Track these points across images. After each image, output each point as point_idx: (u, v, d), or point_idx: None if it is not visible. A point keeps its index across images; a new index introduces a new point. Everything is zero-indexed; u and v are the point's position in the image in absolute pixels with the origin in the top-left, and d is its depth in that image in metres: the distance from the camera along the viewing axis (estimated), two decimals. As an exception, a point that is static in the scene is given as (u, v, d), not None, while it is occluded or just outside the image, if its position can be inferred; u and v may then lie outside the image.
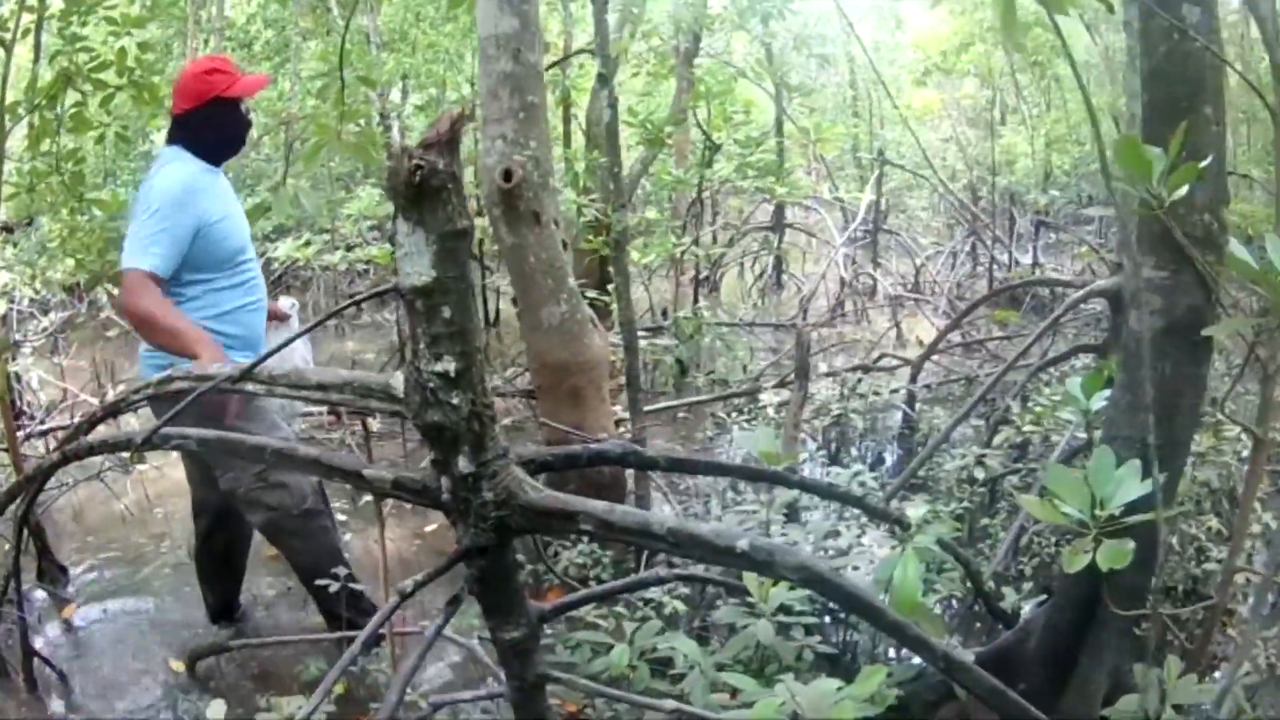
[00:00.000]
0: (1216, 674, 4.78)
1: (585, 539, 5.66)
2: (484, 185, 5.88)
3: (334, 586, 4.82)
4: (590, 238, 9.94)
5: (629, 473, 6.40)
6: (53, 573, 6.57)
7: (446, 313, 2.59)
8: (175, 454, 8.20)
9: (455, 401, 2.71)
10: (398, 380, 2.88)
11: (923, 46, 20.63)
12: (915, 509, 3.56)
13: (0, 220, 9.14)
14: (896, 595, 3.28)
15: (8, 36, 6.05)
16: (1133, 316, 3.66)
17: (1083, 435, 4.94)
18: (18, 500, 4.75)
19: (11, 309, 11.70)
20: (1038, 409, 6.63)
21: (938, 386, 9.45)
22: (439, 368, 2.67)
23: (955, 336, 11.12)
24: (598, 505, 2.97)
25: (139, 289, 4.71)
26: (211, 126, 4.99)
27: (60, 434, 9.06)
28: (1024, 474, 6.69)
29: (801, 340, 6.39)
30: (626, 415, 6.73)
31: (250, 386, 3.16)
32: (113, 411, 4.43)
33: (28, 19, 6.33)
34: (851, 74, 24.92)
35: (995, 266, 15.21)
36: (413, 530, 7.07)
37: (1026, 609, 5.11)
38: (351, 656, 2.80)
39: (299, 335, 4.03)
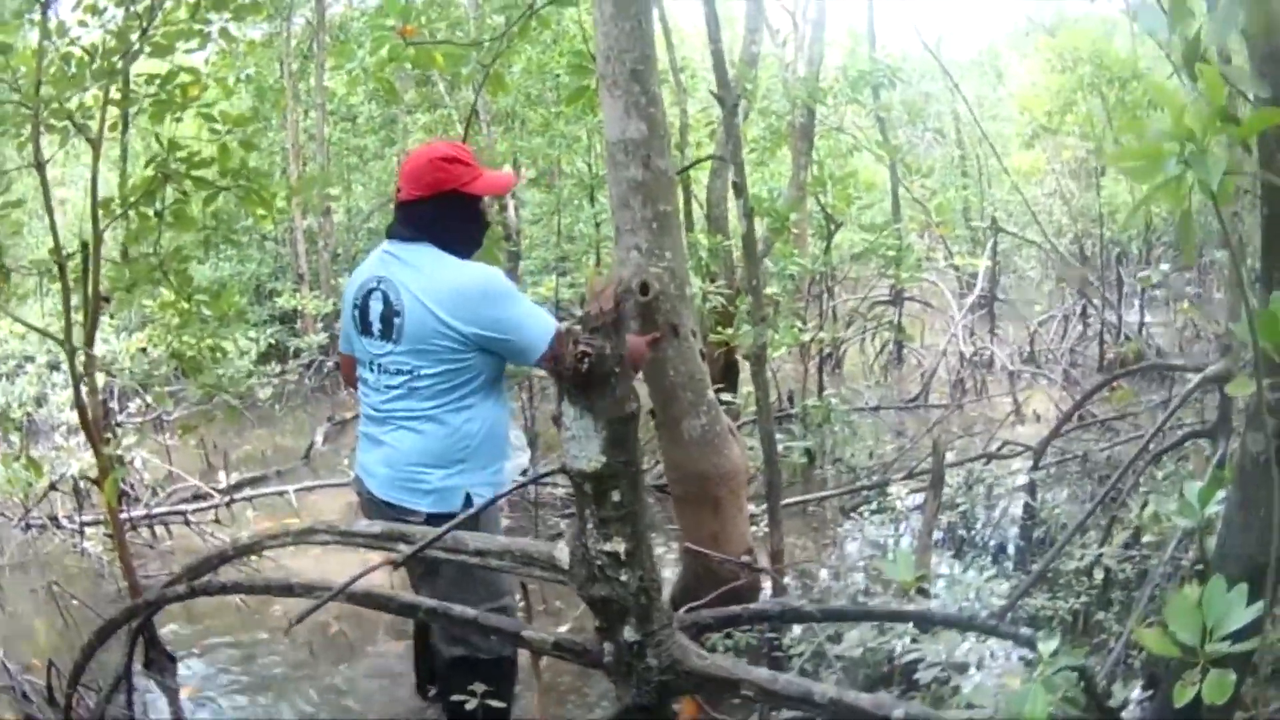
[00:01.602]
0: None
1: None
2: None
3: (471, 704, 4.66)
4: (718, 329, 9.82)
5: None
6: (161, 662, 6.37)
7: (616, 496, 2.55)
8: (299, 555, 8.23)
9: (624, 579, 2.68)
10: (562, 552, 2.83)
11: (1028, 108, 20.49)
12: (1045, 644, 3.46)
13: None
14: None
15: (94, 129, 5.91)
16: (1249, 437, 3.57)
17: (1188, 524, 4.84)
18: (134, 620, 4.70)
19: (112, 381, 11.69)
20: (1151, 506, 6.50)
21: (1055, 466, 9.30)
22: (608, 548, 2.63)
23: (1067, 406, 10.84)
24: (761, 675, 2.93)
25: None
26: (444, 221, 4.56)
27: (168, 521, 9.07)
28: (1137, 561, 6.57)
29: (938, 449, 6.31)
30: (760, 513, 6.69)
31: (401, 547, 3.10)
32: (246, 551, 4.35)
33: (114, 113, 6.21)
34: (958, 133, 24.82)
35: (1106, 330, 15.02)
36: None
37: (1133, 704, 5.06)
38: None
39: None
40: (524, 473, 5.15)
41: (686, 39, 22.71)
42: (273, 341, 16.58)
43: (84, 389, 5.89)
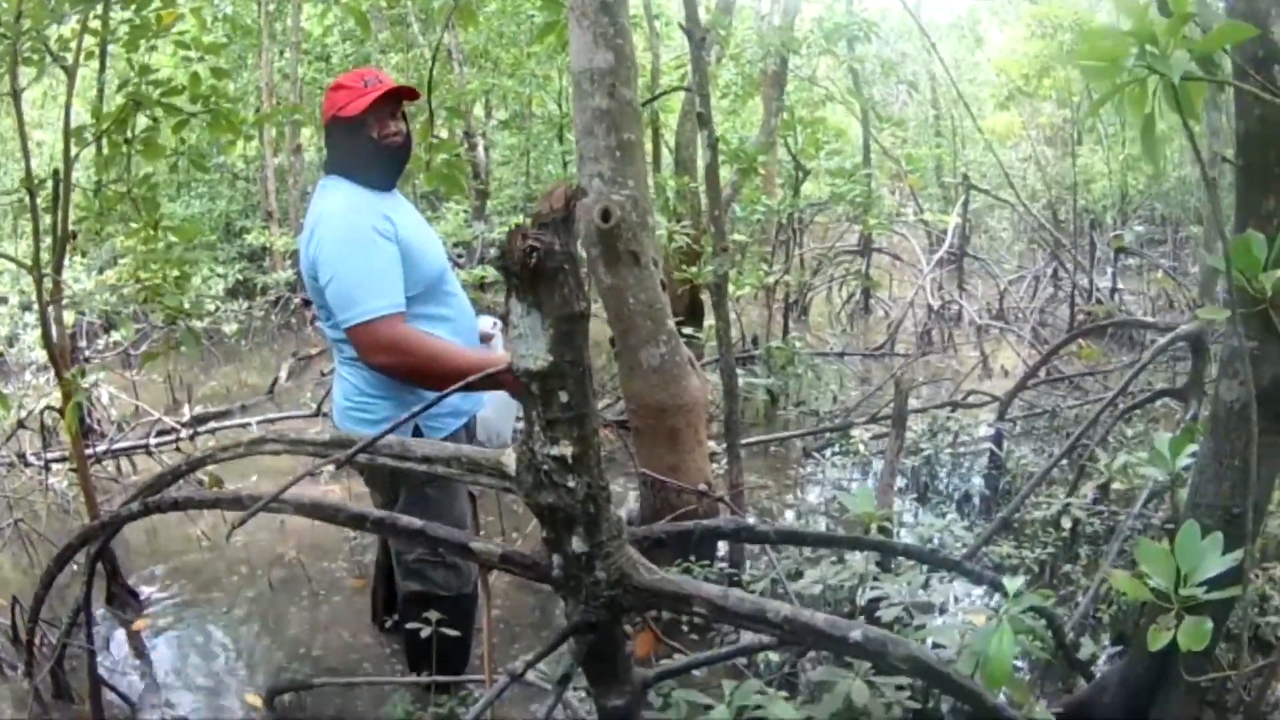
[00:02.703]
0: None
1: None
2: (580, 224, 5.76)
3: (425, 632, 4.64)
4: (683, 267, 9.78)
5: (721, 506, 6.28)
6: (123, 598, 6.46)
7: (564, 397, 2.53)
8: (254, 477, 8.19)
9: (571, 484, 2.65)
10: (509, 458, 2.80)
11: (1005, 70, 20.47)
12: (1011, 582, 3.48)
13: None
14: (989, 668, 3.21)
15: (70, 59, 5.87)
16: (1222, 385, 3.63)
17: (1163, 478, 4.86)
18: (91, 544, 4.67)
19: (80, 320, 11.65)
20: (1121, 458, 6.52)
21: (1022, 420, 9.33)
22: (555, 451, 2.60)
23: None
24: (712, 590, 2.91)
25: (391, 336, 4.24)
26: (333, 150, 4.55)
27: (132, 454, 9.04)
28: (1105, 517, 6.59)
29: (901, 389, 6.28)
30: (721, 451, 6.67)
31: (343, 454, 3.07)
32: (198, 465, 4.30)
33: (91, 41, 6.15)
34: (933, 93, 24.81)
35: (1077, 293, 15.07)
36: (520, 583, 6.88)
37: (1103, 658, 5.11)
38: None
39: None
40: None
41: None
42: (241, 278, 16.55)
43: (50, 316, 5.86)
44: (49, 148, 19.73)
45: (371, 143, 4.51)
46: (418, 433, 4.44)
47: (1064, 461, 7.21)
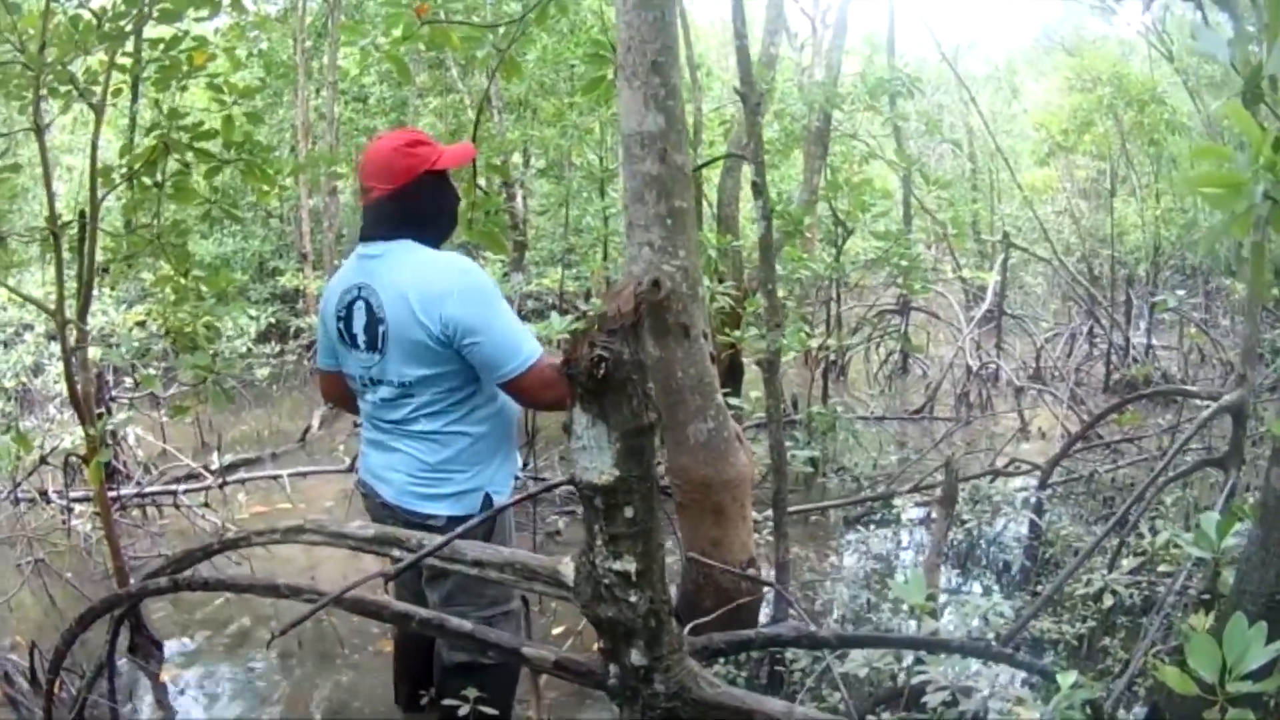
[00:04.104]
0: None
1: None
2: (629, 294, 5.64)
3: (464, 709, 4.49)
4: (726, 330, 9.67)
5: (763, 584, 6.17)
6: (146, 648, 6.28)
7: (629, 513, 2.41)
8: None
9: (633, 599, 2.54)
10: (567, 568, 2.69)
11: (1045, 125, 20.40)
12: (1065, 676, 3.39)
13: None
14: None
15: (96, 96, 5.72)
16: (1274, 473, 3.59)
17: (1207, 558, 4.77)
18: (115, 610, 4.57)
19: (108, 354, 11.57)
20: (1164, 534, 6.42)
21: (1061, 485, 9.22)
22: (618, 566, 2.49)
23: (1074, 425, 11.12)
24: (776, 706, 2.79)
25: (551, 372, 4.19)
26: (422, 207, 4.41)
27: (159, 500, 8.94)
28: (1144, 587, 6.49)
29: (951, 469, 6.16)
30: (762, 519, 6.59)
31: (395, 552, 2.95)
32: (231, 546, 4.20)
33: (119, 78, 6.01)
34: (970, 146, 24.76)
35: (1113, 351, 15.03)
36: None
37: None
38: None
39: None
40: (519, 474, 4.97)
41: (702, 35, 22.62)
42: (273, 320, 16.44)
43: (75, 363, 5.76)
44: (79, 173, 19.79)
45: (456, 198, 4.57)
46: (488, 501, 4.37)
47: (1101, 528, 7.12)
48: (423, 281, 4.17)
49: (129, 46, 5.96)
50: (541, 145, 16.85)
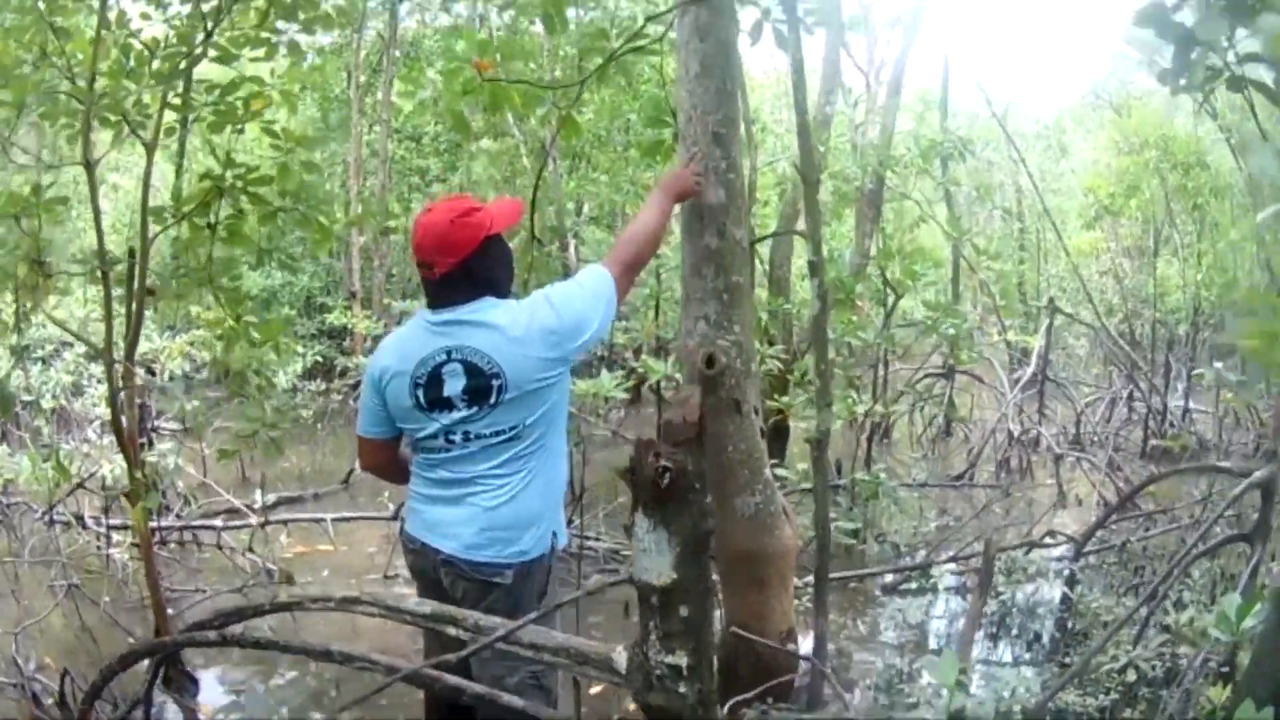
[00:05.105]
0: None
1: None
2: (684, 367, 5.69)
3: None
4: (774, 396, 9.71)
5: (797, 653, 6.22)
6: (181, 681, 6.22)
7: (684, 611, 2.48)
8: (325, 572, 8.16)
9: (683, 690, 2.60)
10: (620, 656, 2.75)
11: (1094, 190, 20.43)
12: None
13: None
14: None
15: (148, 134, 5.76)
16: None
17: (1226, 640, 4.83)
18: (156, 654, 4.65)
19: (151, 381, 11.59)
20: (1188, 612, 6.47)
21: (1093, 554, 9.28)
22: (670, 660, 2.56)
23: (1110, 493, 11.52)
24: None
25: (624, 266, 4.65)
26: (494, 269, 4.48)
27: (199, 534, 9.03)
28: (1166, 659, 6.53)
29: (989, 551, 6.21)
30: (801, 585, 6.66)
31: (451, 630, 3.03)
32: (283, 609, 4.27)
33: (171, 116, 5.97)
34: (1018, 205, 24.79)
35: (1151, 417, 15.16)
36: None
37: None
38: None
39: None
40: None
41: (756, 86, 22.66)
42: (320, 359, 16.47)
43: (121, 400, 5.82)
44: (124, 194, 19.90)
45: (510, 251, 4.63)
46: (555, 540, 4.46)
47: (1131, 602, 7.19)
48: (525, 320, 4.29)
49: (178, 86, 6.02)
50: (595, 197, 16.89)
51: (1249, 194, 19.36)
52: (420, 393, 4.36)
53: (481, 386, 4.26)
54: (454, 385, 4.31)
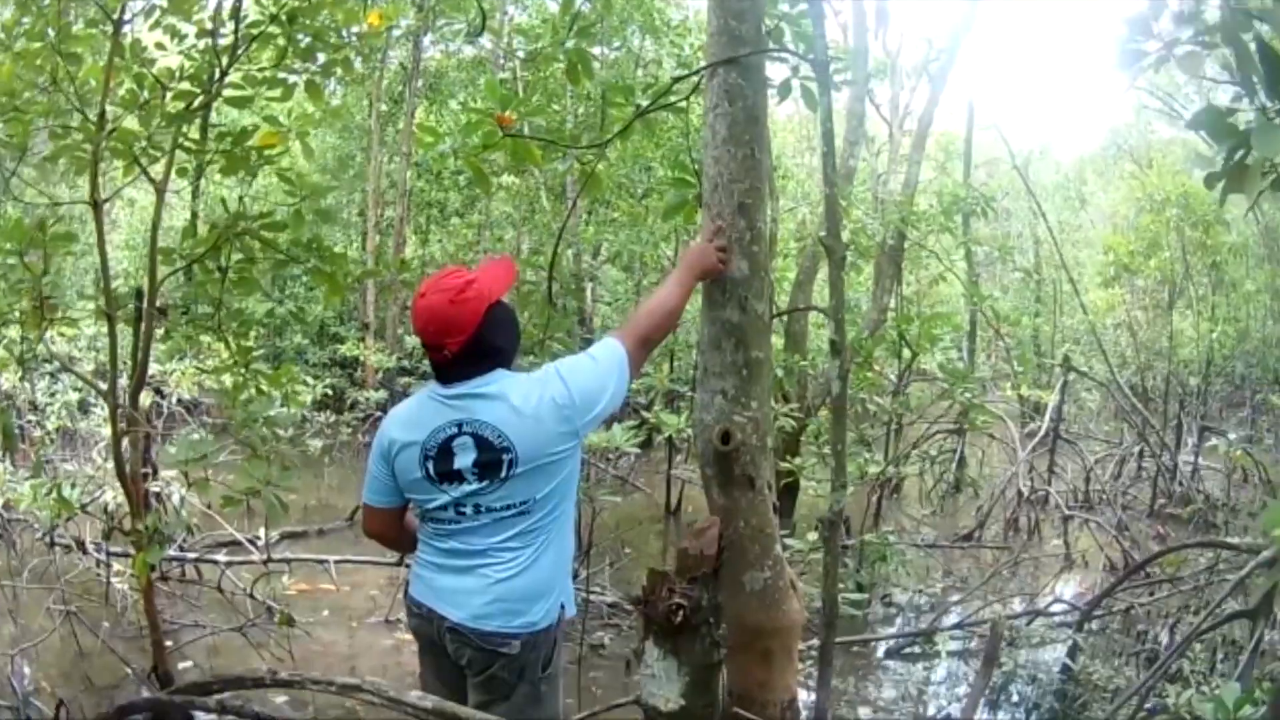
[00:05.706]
0: None
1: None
2: (699, 440, 5.62)
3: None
4: (787, 457, 9.68)
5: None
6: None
7: (691, 735, 2.44)
8: (326, 612, 8.14)
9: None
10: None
11: (1113, 248, 20.42)
12: None
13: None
14: None
15: (159, 175, 5.75)
16: None
17: None
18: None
19: (157, 402, 11.53)
20: (1188, 692, 6.47)
21: (1097, 619, 9.27)
22: (676, 786, 2.52)
23: (1116, 553, 11.66)
24: None
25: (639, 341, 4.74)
26: (500, 338, 4.45)
27: (199, 565, 9.02)
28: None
29: (996, 631, 6.19)
30: (805, 648, 6.66)
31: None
32: (288, 684, 4.24)
33: (182, 157, 5.96)
34: (1037, 255, 24.77)
35: (1160, 475, 15.31)
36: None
37: None
38: None
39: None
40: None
41: (778, 129, 22.67)
42: (329, 390, 16.38)
43: (124, 449, 5.80)
44: (137, 209, 19.85)
45: (513, 310, 4.63)
46: (563, 611, 4.22)
47: (1131, 671, 7.22)
48: (536, 395, 4.27)
49: (188, 129, 5.96)
50: (613, 242, 16.83)
51: (1264, 244, 19.47)
52: (430, 465, 4.32)
53: (492, 460, 4.22)
54: (465, 459, 4.28)
